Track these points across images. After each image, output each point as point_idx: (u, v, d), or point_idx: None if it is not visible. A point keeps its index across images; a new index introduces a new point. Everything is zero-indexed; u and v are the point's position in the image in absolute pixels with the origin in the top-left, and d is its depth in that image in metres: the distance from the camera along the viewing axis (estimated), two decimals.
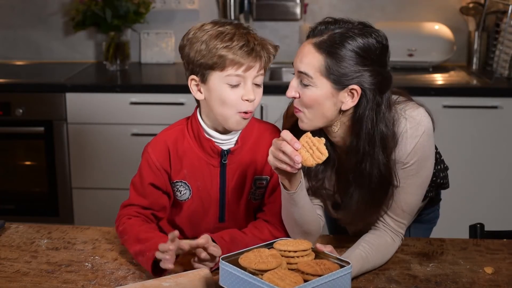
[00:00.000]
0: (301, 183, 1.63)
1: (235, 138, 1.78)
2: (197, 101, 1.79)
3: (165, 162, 1.79)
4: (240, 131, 1.78)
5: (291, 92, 1.68)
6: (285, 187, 1.63)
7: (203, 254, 1.62)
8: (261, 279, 1.40)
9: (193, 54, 1.70)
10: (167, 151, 1.79)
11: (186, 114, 3.53)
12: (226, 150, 1.77)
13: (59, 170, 3.43)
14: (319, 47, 1.63)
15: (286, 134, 1.54)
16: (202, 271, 1.58)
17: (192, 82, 1.74)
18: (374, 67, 1.63)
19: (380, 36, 1.65)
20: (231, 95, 1.69)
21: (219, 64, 1.66)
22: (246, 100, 1.69)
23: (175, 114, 3.33)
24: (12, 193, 3.51)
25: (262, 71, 1.71)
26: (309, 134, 1.56)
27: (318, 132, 1.71)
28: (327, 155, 1.53)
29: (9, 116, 3.39)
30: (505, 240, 1.88)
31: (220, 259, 1.47)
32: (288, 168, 1.54)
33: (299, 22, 3.85)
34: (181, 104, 3.31)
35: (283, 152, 1.52)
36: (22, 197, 3.51)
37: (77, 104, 3.36)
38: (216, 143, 1.77)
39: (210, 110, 1.73)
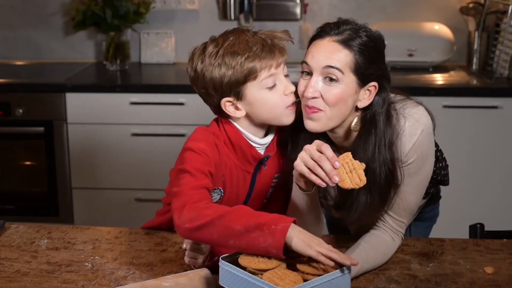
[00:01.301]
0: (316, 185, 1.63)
1: (269, 142, 1.78)
2: (223, 115, 1.75)
3: (214, 166, 1.71)
4: (274, 135, 1.79)
5: (311, 91, 1.63)
6: (301, 188, 1.63)
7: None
8: (261, 278, 1.40)
9: (218, 80, 1.67)
10: (217, 156, 1.72)
11: (186, 114, 3.55)
12: (266, 157, 1.78)
13: (59, 170, 3.43)
14: (346, 44, 1.61)
15: (327, 149, 1.52)
16: (202, 271, 1.58)
17: (227, 104, 1.71)
18: (384, 63, 1.68)
19: (379, 33, 1.69)
20: (274, 97, 1.69)
21: (252, 75, 1.66)
22: (290, 93, 1.70)
23: (175, 114, 3.34)
24: (12, 193, 3.51)
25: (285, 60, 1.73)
26: (350, 155, 1.54)
27: (322, 135, 1.72)
28: (365, 182, 1.52)
29: (9, 116, 3.39)
30: (505, 240, 1.88)
31: (220, 259, 1.47)
32: (318, 181, 1.53)
33: (299, 22, 3.84)
34: (181, 104, 3.31)
35: (321, 168, 1.51)
36: (22, 197, 3.51)
37: (77, 104, 3.36)
38: (257, 150, 1.76)
39: (256, 119, 1.73)
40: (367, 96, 1.66)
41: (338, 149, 1.74)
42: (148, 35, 3.89)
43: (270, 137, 1.78)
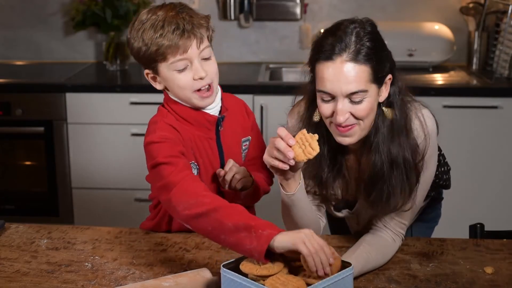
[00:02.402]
0: (300, 185, 1.63)
1: (218, 106, 1.83)
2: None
3: (181, 144, 1.76)
4: (219, 99, 1.82)
5: (343, 116, 1.59)
6: (284, 188, 1.63)
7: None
8: (263, 285, 1.39)
9: (136, 50, 1.74)
10: (178, 133, 1.77)
11: None
12: (221, 117, 1.81)
13: (59, 170, 3.43)
14: (359, 60, 1.57)
15: (281, 130, 1.53)
16: (202, 271, 1.58)
17: (148, 75, 1.78)
18: (387, 49, 1.66)
19: (369, 20, 1.65)
20: (182, 79, 1.72)
21: (160, 55, 1.70)
22: (199, 78, 1.72)
23: None
24: (12, 193, 3.51)
25: (205, 44, 1.73)
26: (304, 131, 1.55)
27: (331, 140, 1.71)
28: (318, 150, 1.52)
29: (9, 116, 3.39)
30: (505, 240, 1.88)
31: (221, 266, 1.45)
32: (281, 165, 1.53)
33: (299, 22, 3.85)
34: None
35: (277, 149, 1.52)
36: (22, 197, 3.51)
37: (77, 104, 3.36)
38: (210, 113, 1.80)
39: (174, 95, 1.78)
40: (384, 89, 1.65)
41: (348, 149, 1.74)
42: None
43: (214, 104, 1.81)
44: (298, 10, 3.78)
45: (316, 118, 1.69)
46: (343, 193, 1.79)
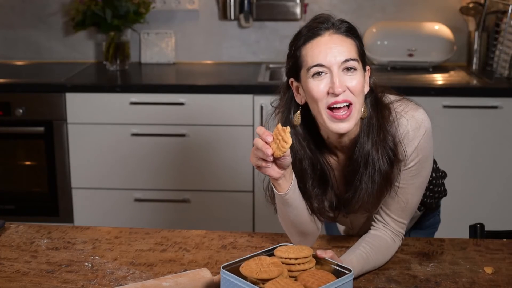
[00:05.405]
0: (292, 184, 1.62)
1: None
2: None
3: None
4: None
5: (341, 87, 1.58)
6: (276, 189, 1.63)
7: None
8: None
9: None
10: None
11: (186, 114, 3.57)
12: None
13: (59, 170, 3.43)
14: (347, 33, 1.63)
15: (259, 129, 1.53)
16: (202, 271, 1.58)
17: None
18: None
19: None
20: None
21: None
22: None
23: (175, 114, 3.34)
24: (12, 193, 3.51)
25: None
26: (278, 125, 1.54)
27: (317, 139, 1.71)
28: (290, 142, 1.51)
29: (9, 116, 3.39)
30: (505, 240, 1.88)
31: (221, 268, 1.45)
32: (264, 163, 1.53)
33: (299, 22, 3.84)
34: (181, 104, 3.31)
35: (257, 148, 1.52)
36: (22, 197, 3.51)
37: (77, 104, 3.37)
38: None
39: None
40: (367, 81, 1.67)
41: (337, 150, 1.74)
42: (148, 35, 3.89)
43: None
44: (298, 10, 3.78)
45: (296, 121, 1.69)
46: (329, 203, 1.77)
